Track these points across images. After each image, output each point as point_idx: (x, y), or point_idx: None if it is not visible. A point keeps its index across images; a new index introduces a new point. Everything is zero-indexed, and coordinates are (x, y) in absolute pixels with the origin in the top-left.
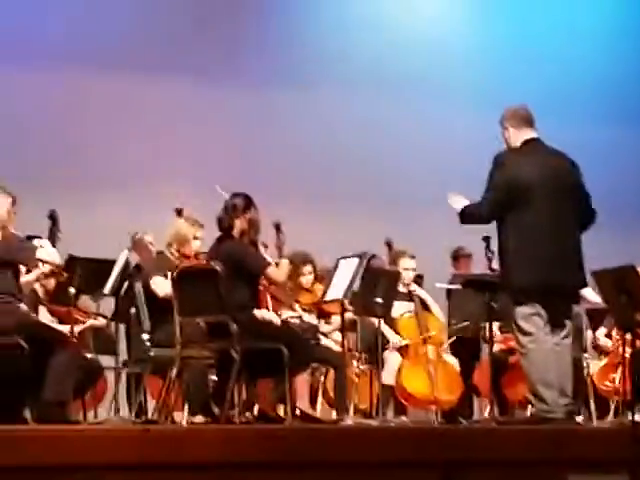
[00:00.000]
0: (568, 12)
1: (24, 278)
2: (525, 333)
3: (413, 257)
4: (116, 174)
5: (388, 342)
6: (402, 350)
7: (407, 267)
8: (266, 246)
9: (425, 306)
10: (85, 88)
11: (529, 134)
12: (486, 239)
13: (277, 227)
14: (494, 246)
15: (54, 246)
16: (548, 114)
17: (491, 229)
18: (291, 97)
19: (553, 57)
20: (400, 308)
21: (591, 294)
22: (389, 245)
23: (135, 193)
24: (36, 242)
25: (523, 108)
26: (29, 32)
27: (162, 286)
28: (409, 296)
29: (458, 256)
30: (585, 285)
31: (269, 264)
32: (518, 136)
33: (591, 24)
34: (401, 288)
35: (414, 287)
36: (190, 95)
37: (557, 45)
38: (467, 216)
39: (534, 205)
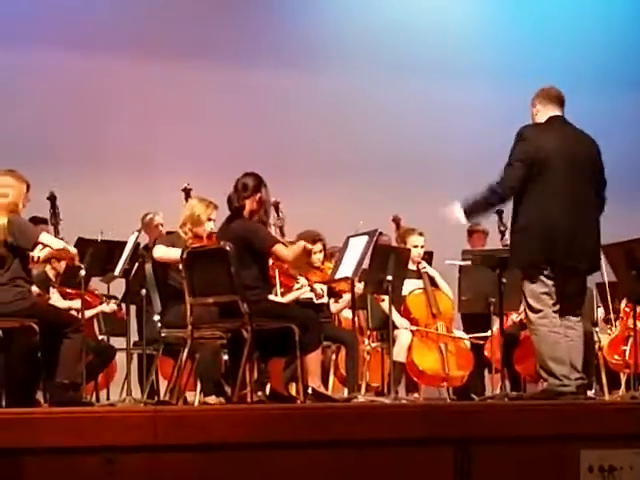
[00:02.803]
0: None
1: (41, 253)
2: (534, 310)
3: (421, 234)
4: (127, 156)
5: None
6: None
7: (416, 244)
8: (269, 226)
9: (434, 283)
10: (98, 70)
11: (555, 112)
12: (499, 213)
13: (276, 207)
14: (507, 220)
15: (56, 226)
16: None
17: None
18: (297, 76)
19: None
20: (409, 285)
21: None
22: (397, 222)
23: (145, 174)
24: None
25: (554, 88)
26: (44, 11)
27: (162, 251)
28: (418, 273)
29: (473, 232)
30: (598, 267)
31: (278, 242)
32: (544, 113)
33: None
34: (410, 265)
35: (423, 264)
36: (197, 77)
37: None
38: (476, 208)
39: (553, 180)
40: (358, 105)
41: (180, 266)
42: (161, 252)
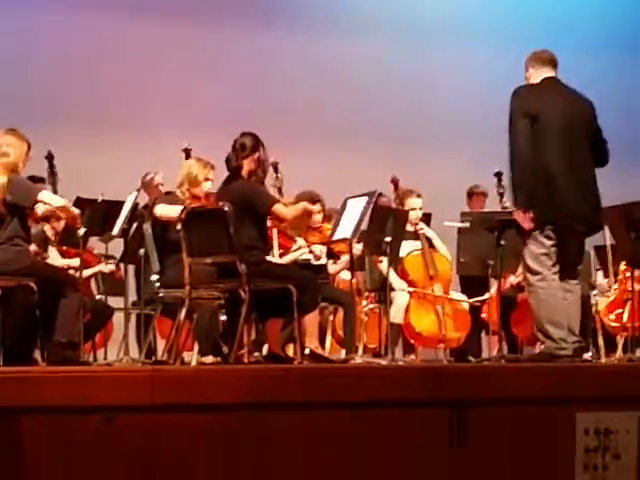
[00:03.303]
0: None
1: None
2: (533, 272)
3: (419, 196)
4: (127, 116)
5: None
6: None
7: (414, 207)
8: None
9: (432, 245)
10: (98, 30)
11: (548, 73)
12: (498, 175)
13: (275, 167)
14: (506, 182)
15: (54, 186)
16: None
17: (504, 165)
18: (298, 37)
19: None
20: (407, 247)
21: None
22: (395, 184)
23: (144, 134)
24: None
25: (547, 51)
26: None
27: (163, 209)
28: (416, 235)
29: (473, 194)
30: (599, 228)
31: (277, 201)
32: (537, 75)
33: None
34: (408, 227)
35: (421, 226)
36: (196, 37)
37: None
38: (520, 192)
39: (549, 137)
40: (358, 68)
41: (179, 225)
42: (162, 210)
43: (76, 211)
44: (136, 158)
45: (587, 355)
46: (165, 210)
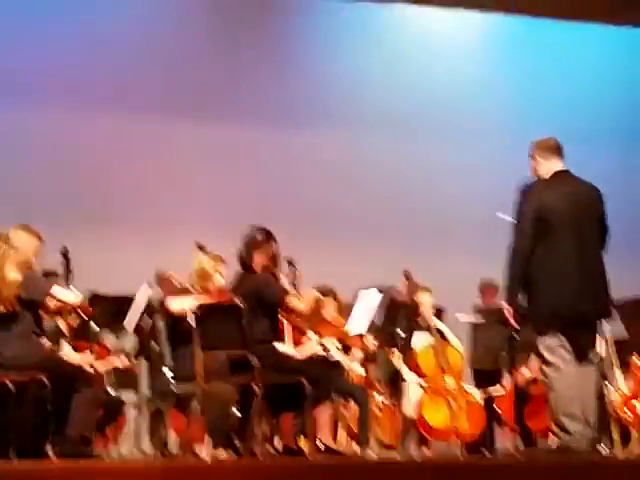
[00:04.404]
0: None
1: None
2: (549, 364)
3: (430, 291)
4: (136, 210)
5: None
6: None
7: (424, 302)
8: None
9: (444, 337)
10: (108, 129)
11: (558, 165)
12: None
13: (290, 263)
14: None
15: (68, 281)
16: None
17: None
18: (308, 135)
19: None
20: (419, 339)
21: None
22: (407, 277)
23: (155, 230)
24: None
25: (552, 139)
26: (54, 71)
27: (177, 303)
28: (427, 328)
29: (486, 288)
30: (610, 315)
31: (288, 293)
32: (546, 167)
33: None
34: (420, 321)
35: (435, 321)
36: (209, 134)
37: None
38: (512, 290)
39: (561, 236)
40: (367, 165)
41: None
42: (177, 304)
43: (74, 299)
44: (152, 254)
45: (601, 447)
46: (179, 304)
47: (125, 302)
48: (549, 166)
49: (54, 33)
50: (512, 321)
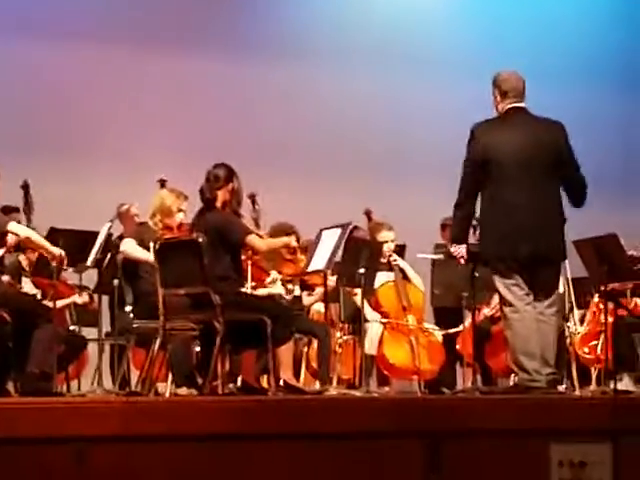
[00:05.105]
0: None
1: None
2: (507, 303)
3: (391, 229)
4: (102, 145)
5: None
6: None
7: (385, 239)
8: (241, 216)
9: (405, 276)
10: (77, 61)
11: (513, 103)
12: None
13: (252, 199)
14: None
15: (29, 216)
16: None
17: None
18: (279, 72)
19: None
20: (381, 278)
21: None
22: (368, 216)
23: (120, 164)
24: None
25: (513, 75)
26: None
27: (130, 248)
28: (389, 266)
29: (446, 225)
30: (564, 257)
31: (251, 232)
32: (502, 104)
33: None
34: (382, 259)
35: (394, 257)
36: (180, 66)
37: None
38: (458, 230)
39: (509, 177)
40: (332, 104)
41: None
42: (129, 249)
43: (58, 252)
44: (112, 189)
45: (561, 387)
46: (131, 250)
47: (86, 237)
48: (504, 104)
49: None
50: (462, 260)
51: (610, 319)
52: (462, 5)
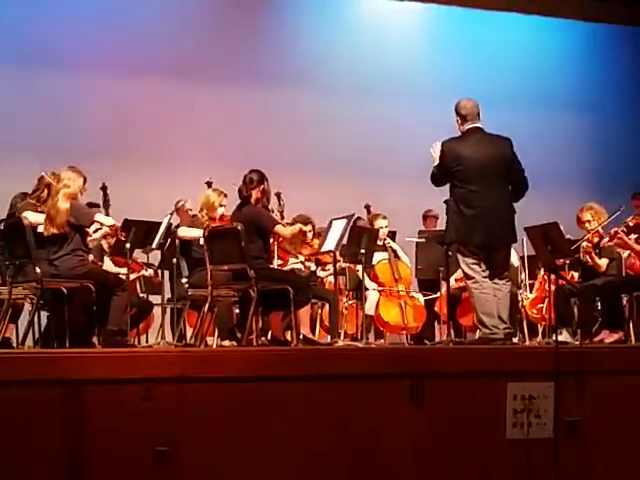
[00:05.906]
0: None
1: (94, 236)
2: (469, 278)
3: (385, 218)
4: (163, 156)
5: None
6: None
7: (381, 226)
8: (272, 211)
9: (396, 255)
10: (143, 88)
11: (472, 124)
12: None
13: (278, 196)
14: None
15: (107, 210)
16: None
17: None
18: (291, 93)
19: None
20: (377, 257)
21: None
22: (368, 209)
23: (177, 171)
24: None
25: (470, 102)
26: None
27: (183, 231)
28: (384, 247)
29: (427, 216)
30: (515, 240)
31: (278, 223)
32: (462, 126)
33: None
34: (378, 242)
35: (388, 240)
36: (222, 93)
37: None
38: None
39: (471, 180)
40: (338, 122)
41: (201, 241)
42: (183, 232)
43: (111, 223)
44: (170, 189)
45: (515, 339)
46: (184, 232)
47: (151, 226)
48: (465, 125)
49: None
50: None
51: (553, 287)
52: (443, 45)
